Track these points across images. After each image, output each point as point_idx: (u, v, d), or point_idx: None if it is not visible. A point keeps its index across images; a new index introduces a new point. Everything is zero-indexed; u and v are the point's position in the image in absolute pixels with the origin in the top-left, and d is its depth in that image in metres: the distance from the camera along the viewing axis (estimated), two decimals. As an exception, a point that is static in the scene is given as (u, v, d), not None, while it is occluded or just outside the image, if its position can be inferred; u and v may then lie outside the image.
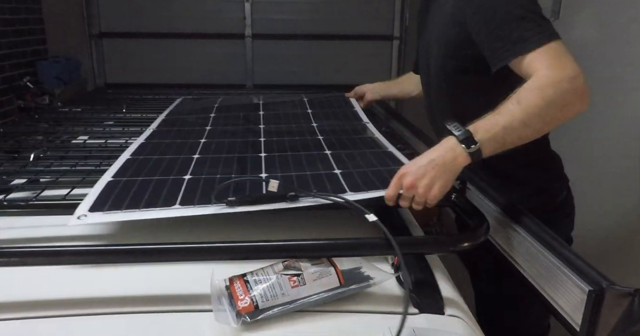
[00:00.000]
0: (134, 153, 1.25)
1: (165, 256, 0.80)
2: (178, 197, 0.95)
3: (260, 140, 1.37)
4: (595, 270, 0.74)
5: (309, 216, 1.05)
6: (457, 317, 0.76)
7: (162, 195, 0.95)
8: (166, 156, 1.22)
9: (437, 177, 0.89)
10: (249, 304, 0.71)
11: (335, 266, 0.78)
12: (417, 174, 0.89)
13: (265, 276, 0.75)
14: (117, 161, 1.17)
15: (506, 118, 0.91)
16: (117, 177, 1.06)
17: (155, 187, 1.00)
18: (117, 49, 3.16)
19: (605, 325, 0.70)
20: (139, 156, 1.22)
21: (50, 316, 0.74)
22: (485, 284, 1.36)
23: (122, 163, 1.16)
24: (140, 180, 1.04)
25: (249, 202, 0.92)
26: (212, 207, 0.91)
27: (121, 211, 0.90)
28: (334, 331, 0.72)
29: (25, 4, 2.88)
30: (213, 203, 0.92)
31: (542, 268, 0.83)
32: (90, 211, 0.90)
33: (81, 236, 1.00)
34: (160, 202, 0.93)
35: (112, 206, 0.92)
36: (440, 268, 0.91)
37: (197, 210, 0.90)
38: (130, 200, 0.94)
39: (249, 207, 0.91)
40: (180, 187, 1.00)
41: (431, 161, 0.89)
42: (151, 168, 1.12)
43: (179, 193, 0.97)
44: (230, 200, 0.91)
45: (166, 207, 0.91)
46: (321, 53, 3.19)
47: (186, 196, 0.95)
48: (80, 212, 0.90)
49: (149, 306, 0.76)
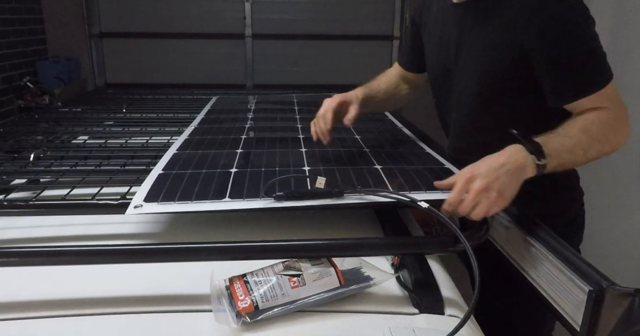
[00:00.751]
0: (179, 148, 1.31)
1: (165, 257, 0.80)
2: (227, 190, 0.99)
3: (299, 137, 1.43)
4: (596, 270, 0.74)
5: (309, 216, 1.05)
6: (457, 317, 0.76)
7: (212, 188, 0.99)
8: (211, 151, 1.27)
9: (509, 183, 0.84)
10: (249, 304, 0.71)
11: (335, 267, 0.78)
12: (489, 177, 0.83)
13: (266, 277, 0.75)
14: (165, 155, 1.23)
15: (573, 142, 0.93)
16: (167, 170, 1.11)
17: (205, 180, 1.04)
18: (117, 49, 3.16)
19: (605, 325, 0.70)
20: (185, 151, 1.28)
21: (50, 317, 0.74)
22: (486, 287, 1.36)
23: (170, 157, 1.21)
24: (189, 173, 1.09)
25: (296, 198, 0.94)
26: (260, 201, 0.94)
27: (175, 202, 0.94)
28: (334, 331, 0.72)
29: (25, 4, 2.88)
30: (261, 198, 0.95)
31: (542, 268, 0.83)
32: (145, 201, 0.93)
33: (81, 236, 1.00)
34: (211, 195, 0.96)
35: (165, 197, 0.96)
36: (440, 268, 0.91)
37: (246, 204, 0.93)
38: (181, 192, 0.98)
39: (296, 202, 0.94)
40: (228, 180, 1.04)
41: (502, 165, 0.85)
42: (198, 162, 1.18)
43: (228, 186, 1.00)
44: (278, 194, 0.93)
45: (217, 200, 0.94)
46: (321, 53, 3.19)
47: (234, 189, 0.99)
48: (136, 202, 0.93)
49: (149, 306, 0.76)
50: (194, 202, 0.94)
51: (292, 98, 2.11)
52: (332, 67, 3.19)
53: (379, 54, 3.21)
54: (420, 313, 0.76)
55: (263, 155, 1.23)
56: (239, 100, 2.22)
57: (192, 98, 2.33)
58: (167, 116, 1.89)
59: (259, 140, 1.41)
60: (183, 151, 1.28)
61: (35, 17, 3.00)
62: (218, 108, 1.97)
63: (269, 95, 2.40)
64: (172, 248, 0.80)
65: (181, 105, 2.14)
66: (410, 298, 0.79)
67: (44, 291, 0.79)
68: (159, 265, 0.80)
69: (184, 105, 2.13)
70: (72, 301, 0.77)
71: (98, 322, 0.73)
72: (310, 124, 1.20)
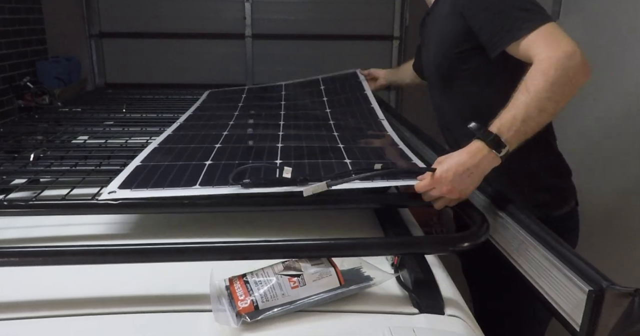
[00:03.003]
0: (161, 142, 1.35)
1: (165, 257, 0.80)
2: (198, 179, 1.02)
3: (278, 134, 1.47)
4: (595, 269, 0.74)
5: (309, 216, 1.05)
6: (457, 317, 0.76)
7: (184, 177, 1.04)
8: (190, 145, 1.31)
9: (471, 184, 0.95)
10: (249, 304, 0.71)
11: (335, 267, 0.78)
12: (454, 183, 0.93)
13: (266, 277, 0.75)
14: (145, 149, 1.26)
15: (522, 110, 0.95)
16: (145, 162, 1.15)
17: (179, 171, 1.08)
18: (117, 49, 3.16)
19: (605, 325, 0.70)
20: (166, 145, 1.32)
21: (50, 317, 0.74)
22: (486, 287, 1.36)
23: (150, 151, 1.25)
24: (165, 165, 1.13)
25: (262, 184, 0.97)
26: (228, 188, 0.97)
27: (147, 189, 0.98)
28: (334, 331, 0.72)
29: (25, 4, 2.88)
30: (230, 185, 0.97)
31: (542, 267, 0.83)
32: (119, 188, 0.98)
33: (81, 236, 1.00)
34: (182, 183, 1.00)
35: (139, 185, 1.00)
36: (440, 268, 0.91)
37: (214, 190, 0.97)
38: (155, 180, 1.02)
39: (262, 188, 0.97)
40: (201, 171, 1.08)
41: (467, 170, 0.93)
42: (176, 155, 1.22)
43: (200, 176, 1.04)
44: (245, 182, 0.97)
45: (187, 187, 0.98)
46: (321, 53, 3.18)
47: (206, 178, 1.03)
48: (110, 188, 0.97)
49: (148, 306, 0.76)
50: (165, 189, 0.97)
51: (281, 91, 2.14)
52: (332, 67, 3.18)
53: (379, 54, 3.20)
54: (420, 313, 0.76)
55: (239, 149, 1.28)
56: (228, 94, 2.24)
57: (192, 99, 2.32)
58: (167, 116, 1.88)
59: (239, 136, 1.46)
60: (164, 145, 1.32)
61: (35, 17, 3.00)
62: (207, 105, 2.03)
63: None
64: (172, 248, 0.81)
65: (181, 105, 2.13)
66: (410, 298, 0.79)
67: (44, 291, 0.79)
68: (158, 265, 0.80)
69: (184, 105, 2.13)
70: (72, 301, 0.77)
71: (98, 322, 0.73)
72: None
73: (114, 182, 1.00)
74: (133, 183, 1.00)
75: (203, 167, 1.10)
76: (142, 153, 1.22)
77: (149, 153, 1.23)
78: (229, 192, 0.96)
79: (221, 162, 1.15)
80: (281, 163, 1.13)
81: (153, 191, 0.96)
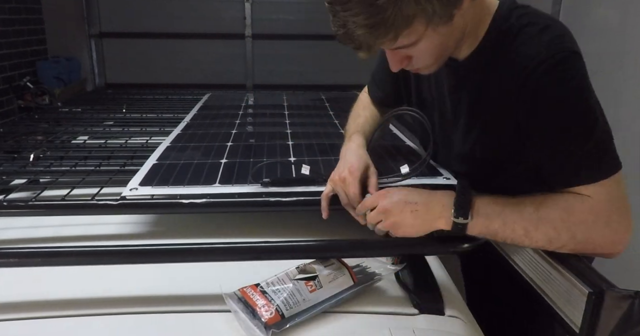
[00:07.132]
0: (172, 141, 1.38)
1: (165, 257, 0.80)
2: (217, 177, 1.05)
3: (287, 131, 1.51)
4: (595, 272, 0.74)
5: (309, 216, 1.05)
6: (457, 318, 0.76)
7: (203, 176, 1.06)
8: (202, 144, 1.34)
9: (409, 224, 0.82)
10: (274, 315, 0.70)
11: (346, 266, 0.78)
12: (394, 208, 0.82)
13: (282, 284, 0.74)
14: (158, 148, 1.29)
15: (513, 217, 0.78)
16: (161, 160, 1.18)
17: (196, 169, 1.11)
18: (117, 49, 3.16)
19: (604, 327, 0.70)
20: (177, 144, 1.35)
21: (50, 317, 0.74)
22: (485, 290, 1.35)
23: (163, 149, 1.28)
24: (182, 163, 1.15)
25: (281, 183, 0.99)
26: (248, 186, 0.99)
27: (168, 186, 1.00)
28: (334, 331, 0.72)
29: (25, 4, 2.88)
30: (249, 183, 1.00)
31: (542, 270, 0.83)
32: (140, 185, 1.00)
33: (81, 236, 1.00)
34: (202, 181, 1.03)
35: (159, 182, 1.02)
36: (440, 268, 0.91)
37: (235, 189, 0.99)
38: (174, 178, 1.05)
39: (281, 187, 0.98)
40: (218, 169, 1.10)
41: (414, 204, 0.81)
42: (189, 153, 1.25)
43: (218, 174, 1.07)
44: (265, 181, 0.99)
45: (207, 185, 1.01)
46: (321, 53, 3.18)
47: (224, 176, 1.06)
48: (132, 185, 0.99)
49: (153, 306, 0.76)
50: (186, 186, 0.99)
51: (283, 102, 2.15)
52: (332, 67, 3.19)
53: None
54: (420, 314, 0.76)
55: (252, 147, 1.31)
56: (230, 97, 2.29)
57: (192, 99, 2.32)
58: (167, 116, 1.89)
59: (249, 134, 1.49)
60: (176, 144, 1.35)
61: (35, 17, 3.00)
62: (210, 104, 2.06)
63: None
64: (172, 249, 0.80)
65: (181, 105, 2.14)
66: (410, 298, 0.79)
67: (44, 291, 0.79)
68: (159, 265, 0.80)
69: (184, 105, 2.13)
70: (73, 302, 0.77)
71: (98, 322, 0.73)
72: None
73: (135, 179, 1.03)
74: (153, 181, 1.02)
75: (220, 165, 1.13)
76: (156, 151, 1.25)
77: (163, 151, 1.26)
78: (249, 191, 0.97)
79: (236, 160, 1.18)
80: (295, 160, 1.17)
81: (175, 189, 0.98)
